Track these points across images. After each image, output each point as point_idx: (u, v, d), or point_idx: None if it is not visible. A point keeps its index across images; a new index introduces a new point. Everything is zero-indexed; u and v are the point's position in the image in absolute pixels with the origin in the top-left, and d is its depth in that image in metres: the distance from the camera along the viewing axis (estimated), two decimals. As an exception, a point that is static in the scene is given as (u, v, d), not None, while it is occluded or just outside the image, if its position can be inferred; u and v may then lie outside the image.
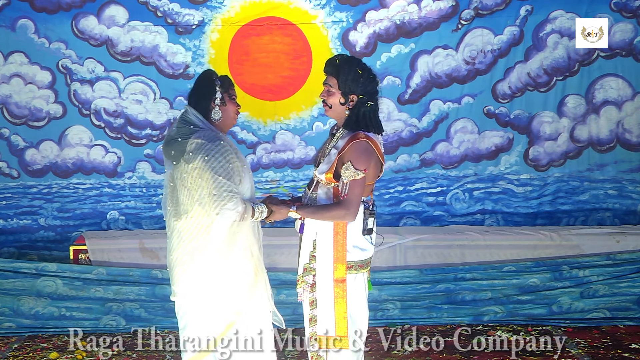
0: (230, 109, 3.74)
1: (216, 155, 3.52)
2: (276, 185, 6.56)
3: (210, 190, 3.49)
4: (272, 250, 5.82)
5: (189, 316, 3.70)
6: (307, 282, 3.69)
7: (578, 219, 6.59)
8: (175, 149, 3.63)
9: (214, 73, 3.80)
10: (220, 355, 3.73)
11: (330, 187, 3.68)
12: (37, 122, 6.44)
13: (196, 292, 3.65)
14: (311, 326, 3.71)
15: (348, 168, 3.58)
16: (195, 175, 3.52)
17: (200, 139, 3.55)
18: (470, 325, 5.69)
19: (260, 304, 3.77)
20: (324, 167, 3.67)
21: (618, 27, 6.44)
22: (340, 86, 3.67)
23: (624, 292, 5.75)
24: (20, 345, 5.43)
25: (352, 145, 3.61)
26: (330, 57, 3.79)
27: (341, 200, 3.60)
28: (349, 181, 3.58)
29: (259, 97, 6.49)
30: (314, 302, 3.68)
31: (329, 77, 3.71)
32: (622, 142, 6.57)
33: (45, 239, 6.47)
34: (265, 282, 3.81)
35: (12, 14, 6.31)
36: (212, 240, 3.57)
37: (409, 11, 6.42)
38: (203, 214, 3.52)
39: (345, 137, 3.68)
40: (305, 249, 3.73)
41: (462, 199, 6.60)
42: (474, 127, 6.56)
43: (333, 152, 3.68)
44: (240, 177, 3.61)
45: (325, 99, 3.72)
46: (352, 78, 3.67)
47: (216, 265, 3.61)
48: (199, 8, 6.39)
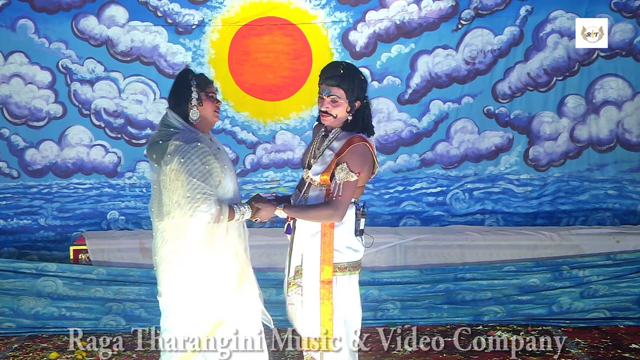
0: (208, 108, 3.72)
1: (192, 157, 3.53)
2: (276, 185, 6.56)
3: (185, 193, 3.51)
4: (272, 251, 5.82)
5: (173, 317, 3.71)
6: (298, 284, 3.68)
7: (578, 219, 6.59)
8: (156, 152, 3.66)
9: (189, 72, 3.75)
10: (220, 355, 3.74)
11: (323, 189, 3.66)
12: (37, 122, 6.44)
13: (179, 293, 3.68)
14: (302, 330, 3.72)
15: (343, 169, 3.57)
16: (173, 177, 3.54)
17: (179, 140, 3.57)
18: (470, 325, 5.69)
19: (249, 304, 3.79)
20: (318, 169, 3.65)
21: (618, 27, 6.44)
22: (348, 96, 3.63)
23: (624, 292, 5.75)
24: (20, 345, 5.43)
25: (351, 149, 3.60)
26: (328, 67, 3.72)
27: (331, 201, 3.58)
28: (342, 182, 3.57)
29: (259, 97, 6.50)
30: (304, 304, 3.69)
31: (334, 89, 3.63)
32: (622, 142, 6.57)
33: (45, 239, 6.47)
34: (253, 281, 3.82)
35: (12, 14, 6.31)
36: (190, 242, 3.59)
37: (409, 11, 6.42)
38: (181, 216, 3.54)
39: (342, 139, 3.66)
40: (297, 250, 3.72)
41: (462, 199, 6.60)
42: (474, 127, 6.56)
43: (328, 154, 3.66)
44: (219, 179, 3.62)
45: (328, 109, 3.65)
46: (357, 86, 3.65)
47: (197, 265, 3.63)
48: (199, 8, 6.39)
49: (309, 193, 3.70)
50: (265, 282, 5.72)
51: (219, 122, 6.49)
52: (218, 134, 6.49)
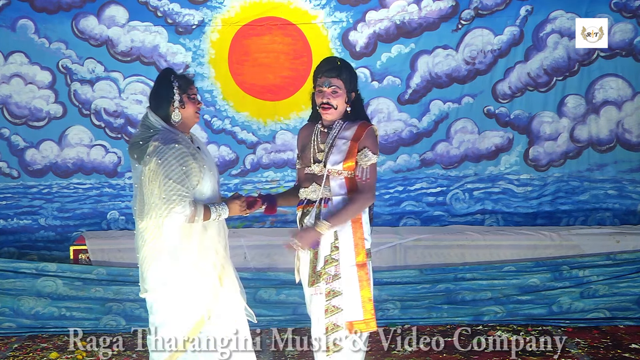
0: (190, 110, 3.73)
1: (169, 158, 3.54)
2: (276, 185, 6.56)
3: (160, 194, 3.53)
4: (272, 250, 5.83)
5: (159, 314, 3.73)
6: (329, 273, 3.74)
7: (578, 219, 6.59)
8: (137, 153, 3.68)
9: (171, 73, 3.74)
10: (220, 355, 3.75)
11: (342, 177, 3.75)
12: (37, 122, 6.44)
13: (162, 290, 3.69)
14: (327, 317, 3.74)
15: (366, 154, 3.74)
16: (152, 177, 3.57)
17: (157, 141, 3.59)
18: (470, 325, 5.68)
19: (232, 301, 3.81)
20: (336, 157, 3.75)
21: (618, 27, 6.44)
22: (346, 86, 3.79)
23: (624, 292, 5.75)
24: (21, 345, 5.43)
25: (368, 132, 3.76)
26: (325, 62, 3.85)
27: (362, 186, 3.74)
28: (367, 166, 3.74)
29: (259, 97, 6.50)
30: (330, 292, 3.73)
31: (334, 80, 3.77)
32: (622, 142, 6.57)
33: (45, 239, 6.47)
34: (234, 279, 3.84)
35: (12, 14, 6.31)
36: (167, 241, 3.62)
37: (409, 11, 6.42)
38: (157, 216, 3.57)
39: (351, 126, 3.79)
40: (326, 240, 3.76)
41: (462, 199, 6.60)
42: (474, 127, 6.56)
43: (341, 142, 3.77)
44: (197, 179, 3.64)
45: (329, 100, 3.76)
46: (353, 76, 3.84)
47: (177, 264, 3.65)
48: (199, 8, 6.39)
49: (330, 183, 3.78)
50: (265, 282, 5.74)
51: (219, 122, 6.50)
52: (218, 134, 6.50)
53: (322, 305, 3.76)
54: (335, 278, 3.73)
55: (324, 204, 3.77)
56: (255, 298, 5.64)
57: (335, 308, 3.72)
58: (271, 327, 5.58)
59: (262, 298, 5.69)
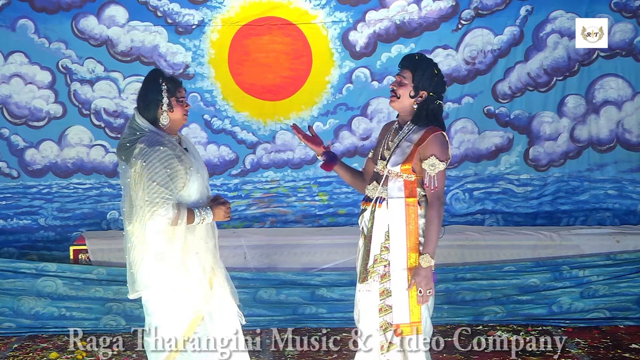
0: (178, 113, 3.73)
1: (153, 161, 3.54)
2: (276, 185, 6.56)
3: (144, 197, 3.53)
4: (272, 250, 5.82)
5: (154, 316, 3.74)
6: (378, 272, 3.77)
7: (578, 219, 6.59)
8: (124, 155, 3.69)
9: (160, 75, 3.72)
10: (220, 355, 3.75)
11: (402, 180, 3.77)
12: (37, 122, 6.44)
13: (151, 292, 3.70)
14: (381, 316, 3.78)
15: (433, 161, 3.73)
16: (137, 180, 3.57)
17: (143, 144, 3.59)
18: (470, 325, 5.68)
19: (223, 301, 3.81)
20: (397, 159, 3.77)
21: (618, 27, 6.44)
22: (414, 80, 3.79)
23: (624, 292, 5.75)
24: (20, 345, 5.43)
25: (433, 138, 3.74)
26: (408, 53, 4.00)
27: (429, 197, 3.76)
28: (435, 174, 3.74)
29: (259, 97, 6.50)
30: (384, 292, 3.76)
31: (404, 70, 3.82)
32: (622, 142, 6.57)
33: (45, 239, 6.47)
34: (224, 279, 3.84)
35: (12, 14, 6.31)
36: (152, 243, 3.61)
37: (409, 11, 6.42)
38: (141, 219, 3.57)
39: (419, 130, 3.79)
40: (376, 240, 3.79)
41: (462, 199, 6.60)
42: (474, 127, 6.56)
43: (406, 145, 3.78)
44: (183, 181, 3.63)
45: (395, 88, 3.82)
46: (427, 75, 3.80)
47: (165, 265, 3.65)
48: (199, 8, 6.39)
49: (388, 184, 3.80)
50: (265, 282, 5.73)
51: (219, 122, 6.50)
52: (218, 134, 6.50)
53: (374, 303, 3.79)
54: (385, 278, 3.76)
55: (379, 203, 3.80)
56: (255, 298, 5.65)
57: (389, 307, 3.76)
58: (271, 327, 5.58)
59: (262, 298, 5.69)
